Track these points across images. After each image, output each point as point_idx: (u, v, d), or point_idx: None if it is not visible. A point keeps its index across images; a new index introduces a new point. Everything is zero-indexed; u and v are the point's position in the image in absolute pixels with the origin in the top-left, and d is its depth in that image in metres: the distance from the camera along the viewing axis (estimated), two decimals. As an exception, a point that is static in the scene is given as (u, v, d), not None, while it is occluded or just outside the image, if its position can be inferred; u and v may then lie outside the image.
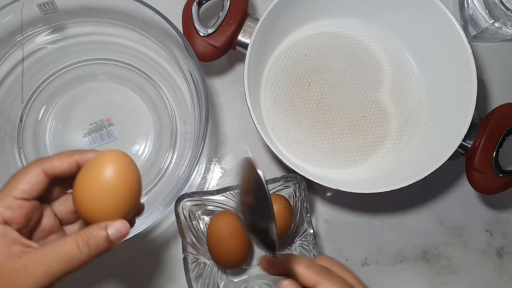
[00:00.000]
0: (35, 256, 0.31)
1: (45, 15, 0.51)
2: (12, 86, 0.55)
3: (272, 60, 0.57)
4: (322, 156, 0.56)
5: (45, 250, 0.31)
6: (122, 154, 0.33)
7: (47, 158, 0.34)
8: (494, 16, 0.55)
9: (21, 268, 0.30)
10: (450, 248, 0.59)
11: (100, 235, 0.32)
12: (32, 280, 0.30)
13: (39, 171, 0.33)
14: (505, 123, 0.52)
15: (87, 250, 0.32)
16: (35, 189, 0.33)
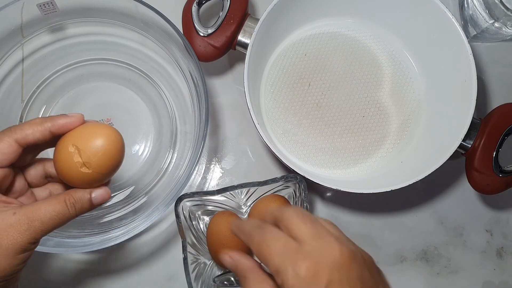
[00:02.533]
0: (29, 212, 0.33)
1: (45, 15, 0.51)
2: (12, 86, 0.55)
3: (272, 60, 0.57)
4: (322, 156, 0.56)
5: (38, 207, 0.34)
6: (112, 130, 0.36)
7: (18, 127, 0.35)
8: (494, 16, 0.55)
9: (17, 223, 0.33)
10: (450, 248, 0.59)
11: (85, 199, 0.36)
12: (29, 233, 0.33)
13: (12, 141, 0.35)
14: (505, 123, 0.52)
15: (74, 211, 0.36)
16: (7, 158, 0.35)
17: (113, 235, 0.48)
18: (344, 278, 0.30)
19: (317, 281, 0.29)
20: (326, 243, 0.31)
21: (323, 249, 0.30)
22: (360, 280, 0.30)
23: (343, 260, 0.30)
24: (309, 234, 0.32)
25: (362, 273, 0.31)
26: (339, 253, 0.30)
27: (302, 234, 0.32)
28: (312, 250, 0.30)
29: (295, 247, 0.31)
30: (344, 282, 0.30)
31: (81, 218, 0.53)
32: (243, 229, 0.35)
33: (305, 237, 0.31)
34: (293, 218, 0.33)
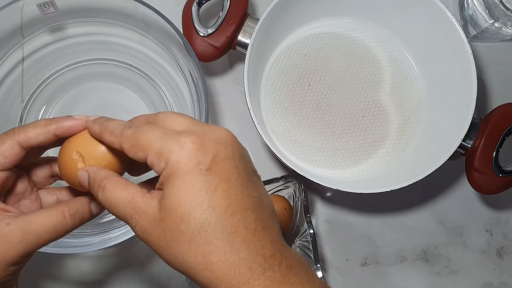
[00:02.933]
0: (24, 224, 0.31)
1: (45, 15, 0.51)
2: (12, 86, 0.55)
3: (272, 60, 0.57)
4: (322, 156, 0.56)
5: (34, 218, 0.32)
6: None
7: (21, 129, 0.34)
8: (494, 16, 0.55)
9: (9, 235, 0.31)
10: (450, 248, 0.59)
11: (85, 209, 0.34)
12: (22, 247, 0.31)
13: (14, 144, 0.33)
14: (505, 123, 0.52)
15: (74, 222, 0.33)
16: (9, 161, 0.33)
17: (113, 235, 0.48)
18: (230, 154, 0.29)
19: (204, 152, 0.28)
20: (208, 127, 0.30)
21: (206, 130, 0.29)
22: (243, 159, 0.29)
23: (228, 139, 0.29)
24: (188, 123, 0.30)
25: (245, 155, 0.30)
26: (223, 133, 0.29)
27: (179, 124, 0.30)
28: (195, 130, 0.29)
29: (178, 131, 0.29)
30: (229, 158, 0.28)
31: (81, 218, 0.53)
32: (111, 128, 0.31)
33: (184, 125, 0.30)
34: (168, 115, 0.31)
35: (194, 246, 0.27)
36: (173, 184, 0.28)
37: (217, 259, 0.27)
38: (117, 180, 0.31)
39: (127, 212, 0.30)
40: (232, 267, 0.27)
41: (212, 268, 0.27)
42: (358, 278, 0.58)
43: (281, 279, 0.27)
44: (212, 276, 0.27)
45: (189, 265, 0.28)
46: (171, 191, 0.28)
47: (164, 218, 0.28)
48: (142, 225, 0.29)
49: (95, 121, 0.33)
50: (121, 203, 0.30)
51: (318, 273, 0.47)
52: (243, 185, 0.28)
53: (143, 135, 0.29)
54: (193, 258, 0.27)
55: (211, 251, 0.27)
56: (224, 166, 0.28)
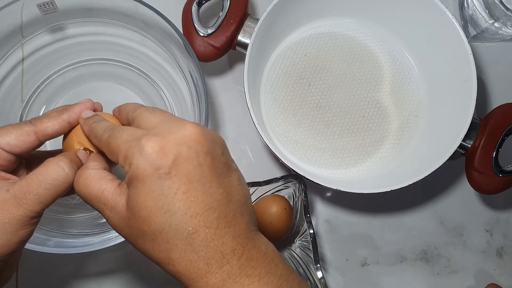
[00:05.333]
0: (22, 186, 0.31)
1: (45, 15, 0.51)
2: (12, 86, 0.55)
3: (272, 60, 0.57)
4: (322, 156, 0.56)
5: (31, 179, 0.31)
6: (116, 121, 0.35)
7: (37, 119, 0.34)
8: (494, 16, 0.55)
9: (11, 199, 0.31)
10: (450, 248, 0.59)
11: (77, 158, 0.34)
12: (25, 208, 0.31)
13: (31, 132, 0.34)
14: (505, 123, 0.52)
15: (73, 171, 0.32)
16: (20, 146, 0.33)
17: (113, 235, 0.48)
18: (193, 153, 0.29)
19: (163, 156, 0.28)
20: (175, 124, 0.30)
21: (171, 129, 0.29)
22: (211, 155, 0.29)
23: (193, 136, 0.29)
24: (157, 121, 0.31)
25: (214, 149, 0.30)
26: (189, 130, 0.29)
27: (150, 123, 0.31)
28: (160, 131, 0.29)
29: (143, 133, 0.29)
30: (192, 157, 0.28)
31: (81, 219, 0.53)
32: (95, 132, 0.33)
33: (153, 124, 0.30)
34: (143, 113, 0.32)
35: (157, 244, 0.29)
36: (135, 187, 0.29)
37: (178, 257, 0.29)
38: (90, 172, 0.32)
39: (98, 206, 0.31)
40: (191, 263, 0.29)
41: (174, 263, 0.29)
42: (358, 278, 0.58)
43: (238, 272, 0.29)
44: (174, 270, 0.29)
45: (155, 260, 0.30)
46: (133, 194, 0.29)
47: (130, 217, 0.29)
48: (113, 220, 0.31)
49: (85, 122, 0.34)
50: (92, 196, 0.31)
51: (318, 273, 0.47)
52: (206, 184, 0.29)
53: (114, 140, 0.30)
54: (157, 255, 0.29)
55: (172, 250, 0.29)
56: (185, 167, 0.28)
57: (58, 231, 0.49)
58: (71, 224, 0.51)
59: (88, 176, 0.31)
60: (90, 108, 0.35)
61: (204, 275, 0.29)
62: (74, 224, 0.51)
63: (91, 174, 0.32)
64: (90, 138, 0.34)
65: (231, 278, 0.29)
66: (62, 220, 0.51)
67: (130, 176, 0.29)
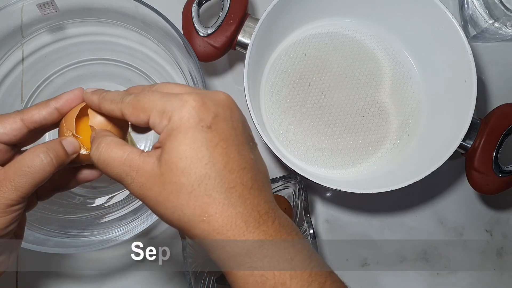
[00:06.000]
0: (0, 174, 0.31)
1: (45, 15, 0.51)
2: (12, 86, 0.55)
3: (272, 60, 0.57)
4: (322, 156, 0.56)
5: (7, 167, 0.32)
6: None
7: (25, 109, 0.34)
8: (494, 16, 0.55)
9: None
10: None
11: (58, 146, 0.33)
12: (1, 196, 0.31)
13: (17, 119, 0.34)
14: (505, 123, 0.52)
15: (49, 158, 0.32)
16: (7, 133, 0.33)
17: (113, 235, 0.48)
18: (228, 116, 0.30)
19: (205, 111, 0.29)
20: (208, 90, 0.31)
21: (207, 93, 0.30)
22: (241, 123, 0.31)
23: (226, 102, 0.30)
24: (187, 88, 0.31)
25: (243, 119, 0.31)
26: (223, 96, 0.30)
27: (179, 90, 0.31)
28: (196, 91, 0.30)
29: (181, 91, 0.30)
30: (228, 120, 0.30)
31: (81, 218, 0.53)
32: (111, 97, 0.32)
33: (184, 90, 0.31)
34: (166, 83, 0.32)
35: (193, 198, 0.28)
36: (174, 139, 0.29)
37: (215, 211, 0.28)
38: (112, 139, 0.32)
39: (123, 170, 0.30)
40: (229, 219, 0.28)
41: (209, 220, 0.28)
42: (358, 278, 0.58)
43: (274, 234, 0.29)
44: (209, 228, 0.28)
45: (186, 218, 0.29)
46: (172, 145, 0.29)
47: (164, 172, 0.29)
48: (139, 181, 0.30)
49: (93, 92, 0.34)
50: (116, 161, 0.30)
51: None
52: (239, 146, 0.30)
53: (145, 98, 0.30)
54: (191, 210, 0.28)
55: (210, 204, 0.28)
56: (223, 126, 0.29)
57: (58, 231, 0.49)
58: (71, 224, 0.51)
59: (111, 142, 0.31)
60: (80, 97, 0.35)
61: (242, 233, 0.28)
62: (74, 224, 0.51)
63: (114, 140, 0.31)
64: (104, 104, 0.32)
65: (268, 239, 0.29)
66: (62, 220, 0.51)
67: (170, 128, 0.29)
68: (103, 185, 0.55)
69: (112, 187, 0.55)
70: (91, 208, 0.54)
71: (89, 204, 0.54)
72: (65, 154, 0.33)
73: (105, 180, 0.55)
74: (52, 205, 0.51)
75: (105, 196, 0.55)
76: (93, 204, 0.54)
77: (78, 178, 0.37)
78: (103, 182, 0.55)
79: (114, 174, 0.31)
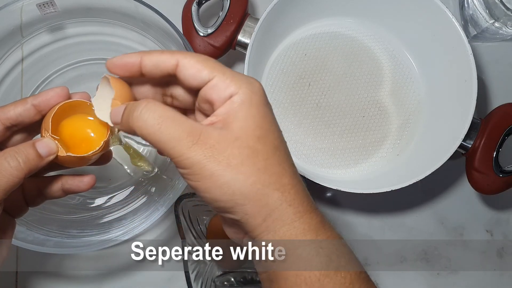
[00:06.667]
0: None
1: (45, 15, 0.51)
2: (12, 86, 0.55)
3: (272, 60, 0.57)
4: (322, 156, 0.56)
5: None
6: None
7: (2, 106, 0.33)
8: (494, 16, 0.55)
9: None
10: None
11: (28, 149, 0.31)
12: None
13: None
14: (505, 123, 0.52)
15: (16, 162, 0.31)
16: None
17: (113, 235, 0.48)
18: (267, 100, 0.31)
19: (265, 94, 0.31)
20: None
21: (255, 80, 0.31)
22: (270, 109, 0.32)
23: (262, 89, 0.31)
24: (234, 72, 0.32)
25: None
26: (258, 83, 0.31)
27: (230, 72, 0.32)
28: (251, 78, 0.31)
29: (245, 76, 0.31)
30: (267, 103, 0.31)
31: (81, 219, 0.53)
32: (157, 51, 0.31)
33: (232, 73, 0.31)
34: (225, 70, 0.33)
35: (270, 165, 0.29)
36: (249, 108, 0.29)
37: (288, 182, 0.29)
38: (176, 113, 0.30)
39: (182, 129, 0.28)
40: (298, 193, 0.30)
41: (283, 189, 0.29)
42: (358, 278, 0.57)
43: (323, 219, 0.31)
44: (282, 198, 0.29)
45: (261, 183, 0.29)
46: (248, 114, 0.29)
47: (240, 137, 0.29)
48: (207, 142, 0.28)
49: (127, 54, 0.32)
50: (175, 120, 0.29)
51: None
52: None
53: (209, 58, 0.31)
54: (268, 176, 0.29)
55: (283, 174, 0.29)
56: (272, 112, 0.31)
57: (57, 231, 0.49)
58: (71, 224, 0.51)
59: (161, 104, 0.30)
60: (64, 95, 0.34)
61: (310, 210, 0.30)
62: (74, 224, 0.51)
63: (177, 114, 0.29)
64: (151, 56, 0.31)
65: (325, 221, 0.31)
66: (62, 221, 0.51)
67: (242, 98, 0.29)
68: (103, 185, 0.55)
69: (112, 187, 0.55)
70: (91, 208, 0.54)
71: (89, 204, 0.54)
72: (37, 157, 0.32)
73: (105, 180, 0.55)
74: (51, 205, 0.51)
75: (105, 196, 0.55)
76: (93, 204, 0.54)
77: (64, 188, 0.36)
78: (103, 182, 0.55)
79: (168, 134, 0.29)
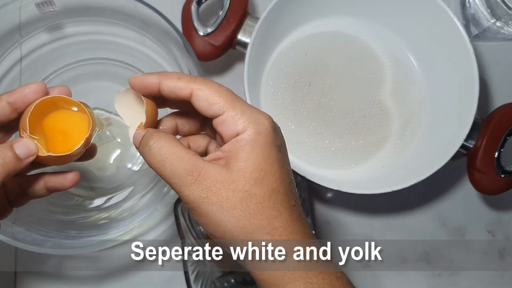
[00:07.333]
0: None
1: (44, 14, 0.51)
2: (11, 86, 0.55)
3: (272, 59, 0.57)
4: (323, 156, 0.56)
5: None
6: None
7: None
8: (495, 15, 0.55)
9: None
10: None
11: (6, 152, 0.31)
12: None
13: None
14: (507, 123, 0.52)
15: None
16: None
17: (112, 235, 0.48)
18: (285, 143, 0.32)
19: (277, 134, 0.31)
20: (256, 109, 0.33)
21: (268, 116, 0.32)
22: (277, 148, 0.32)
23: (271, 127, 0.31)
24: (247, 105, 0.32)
25: None
26: (268, 120, 0.32)
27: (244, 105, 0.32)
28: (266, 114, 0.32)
29: (258, 111, 0.32)
30: (286, 146, 0.32)
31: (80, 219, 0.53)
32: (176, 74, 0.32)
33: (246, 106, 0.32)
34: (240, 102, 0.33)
35: (263, 209, 0.29)
36: (251, 150, 0.30)
37: (280, 225, 0.30)
38: (175, 138, 0.32)
39: (184, 168, 0.30)
40: (291, 235, 0.30)
41: (274, 233, 0.30)
42: (359, 278, 0.57)
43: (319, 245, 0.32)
44: (272, 240, 0.30)
45: (252, 228, 0.29)
46: (249, 156, 0.30)
47: (237, 179, 0.29)
48: (204, 183, 0.29)
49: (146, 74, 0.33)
50: (179, 158, 0.30)
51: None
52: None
53: (224, 89, 0.31)
54: (258, 220, 0.29)
55: (276, 217, 0.30)
56: (285, 151, 0.32)
57: (56, 232, 0.49)
58: (70, 225, 0.51)
59: (173, 139, 0.31)
60: (40, 92, 0.33)
61: (307, 244, 0.30)
62: (73, 225, 0.51)
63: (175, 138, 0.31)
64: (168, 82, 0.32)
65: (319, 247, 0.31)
66: (61, 221, 0.51)
67: (247, 138, 0.30)
68: (101, 186, 0.55)
69: (110, 188, 0.55)
70: (90, 209, 0.54)
71: (88, 205, 0.54)
72: (16, 159, 0.31)
73: (104, 181, 0.55)
74: (50, 206, 0.51)
75: (104, 197, 0.55)
76: (91, 205, 0.54)
77: (48, 186, 0.36)
78: (102, 182, 0.55)
79: (171, 171, 0.30)
